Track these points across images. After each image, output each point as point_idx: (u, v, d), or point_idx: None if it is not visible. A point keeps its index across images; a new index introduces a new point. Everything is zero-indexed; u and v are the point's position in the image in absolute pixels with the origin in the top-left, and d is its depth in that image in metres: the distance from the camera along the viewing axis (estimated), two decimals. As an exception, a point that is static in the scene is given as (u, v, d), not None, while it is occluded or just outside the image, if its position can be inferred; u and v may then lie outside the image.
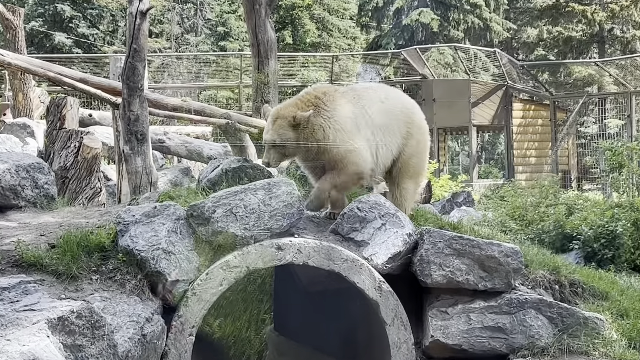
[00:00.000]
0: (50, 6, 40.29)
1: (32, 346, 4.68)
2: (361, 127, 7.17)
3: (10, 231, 7.01)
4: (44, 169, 8.22)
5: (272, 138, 7.10)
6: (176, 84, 30.82)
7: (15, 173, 7.96)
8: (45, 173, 8.20)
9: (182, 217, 6.55)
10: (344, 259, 6.56)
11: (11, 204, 7.96)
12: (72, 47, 39.56)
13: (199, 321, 6.28)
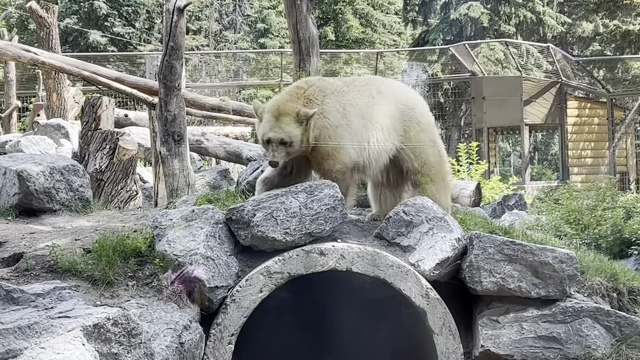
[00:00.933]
0: (85, 3, 40.49)
1: (67, 354, 4.60)
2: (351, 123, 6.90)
3: (45, 235, 6.90)
4: (78, 172, 8.11)
5: (280, 136, 6.65)
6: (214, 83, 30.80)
7: (49, 175, 7.86)
8: (80, 175, 8.10)
9: (221, 221, 6.39)
10: (389, 264, 6.33)
11: (45, 208, 7.86)
12: (107, 46, 39.74)
13: (238, 329, 6.12)
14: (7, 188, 8.14)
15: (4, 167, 8.30)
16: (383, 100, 7.10)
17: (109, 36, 39.25)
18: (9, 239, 7.02)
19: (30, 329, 4.59)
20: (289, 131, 6.64)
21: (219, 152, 15.34)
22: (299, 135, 6.64)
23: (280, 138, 6.61)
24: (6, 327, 4.52)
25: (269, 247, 6.33)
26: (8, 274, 5.96)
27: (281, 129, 6.64)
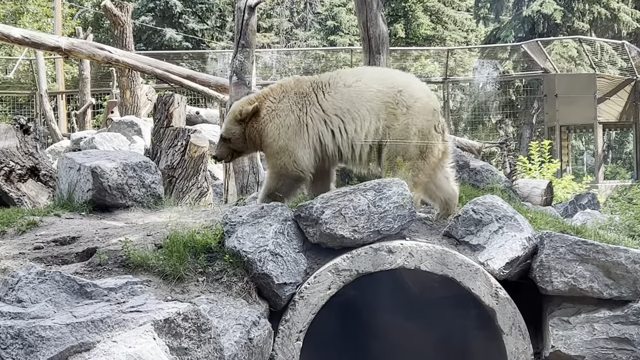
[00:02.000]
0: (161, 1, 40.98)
1: (138, 348, 4.63)
2: (306, 121, 6.88)
3: (117, 231, 7.00)
4: (150, 168, 8.21)
5: (220, 132, 7.14)
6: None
7: (122, 172, 7.97)
8: (152, 172, 8.20)
9: (290, 218, 6.42)
10: (458, 263, 6.28)
11: (118, 203, 7.98)
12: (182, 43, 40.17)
13: (306, 326, 6.14)
14: (81, 184, 8.28)
15: (78, 163, 8.45)
16: (360, 87, 6.96)
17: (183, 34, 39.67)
18: (82, 234, 7.15)
19: (103, 322, 4.65)
20: (228, 128, 7.04)
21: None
22: (237, 133, 6.98)
23: (221, 134, 7.11)
24: (79, 321, 4.59)
25: (337, 244, 6.33)
26: (82, 269, 6.07)
27: (224, 125, 7.13)
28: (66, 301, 4.88)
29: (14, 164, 9.87)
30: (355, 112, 6.89)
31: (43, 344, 4.43)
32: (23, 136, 10.22)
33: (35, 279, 4.92)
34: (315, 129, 6.89)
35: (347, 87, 6.96)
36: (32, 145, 10.25)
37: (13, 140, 10.16)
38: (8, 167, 9.80)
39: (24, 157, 10.03)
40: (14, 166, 9.85)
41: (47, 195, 9.84)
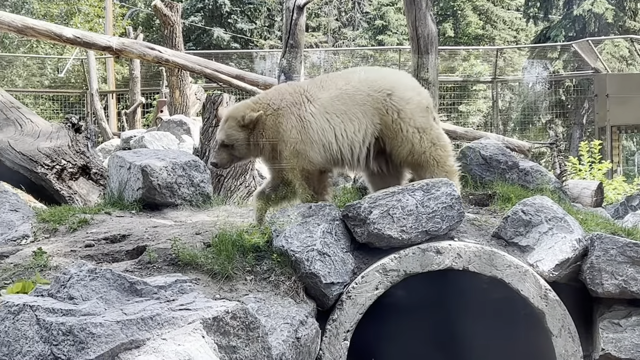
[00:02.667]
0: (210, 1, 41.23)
1: (187, 346, 4.65)
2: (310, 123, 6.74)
3: (167, 229, 7.06)
4: (199, 167, 8.27)
5: (220, 138, 6.81)
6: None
7: (171, 171, 8.04)
8: (201, 171, 8.26)
9: (338, 218, 6.42)
10: (507, 264, 6.24)
11: (167, 202, 8.05)
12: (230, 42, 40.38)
13: (354, 325, 6.14)
14: (131, 182, 8.37)
15: (128, 162, 8.54)
16: (351, 90, 6.84)
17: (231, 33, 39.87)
18: (132, 232, 7.23)
19: (153, 320, 4.68)
20: (231, 134, 6.75)
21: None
22: (241, 139, 6.72)
23: (222, 140, 6.77)
24: (130, 318, 4.62)
25: (385, 244, 6.32)
26: (132, 266, 6.14)
27: (225, 131, 6.77)
28: (117, 298, 4.92)
29: (66, 162, 10.02)
30: (351, 113, 6.77)
31: (94, 340, 4.47)
32: (74, 135, 10.37)
33: (86, 276, 4.97)
34: (319, 124, 6.74)
35: (338, 90, 6.85)
36: (84, 144, 10.39)
37: (65, 139, 10.31)
38: (60, 165, 9.96)
39: (75, 155, 10.17)
40: (66, 165, 10.00)
41: (98, 194, 9.98)
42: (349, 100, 6.79)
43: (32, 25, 13.67)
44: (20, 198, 8.34)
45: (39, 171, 9.89)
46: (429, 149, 6.88)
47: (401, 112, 6.80)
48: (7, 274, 6.21)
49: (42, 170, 9.88)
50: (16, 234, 7.51)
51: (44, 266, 6.24)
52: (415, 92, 6.97)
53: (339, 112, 6.76)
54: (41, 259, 6.35)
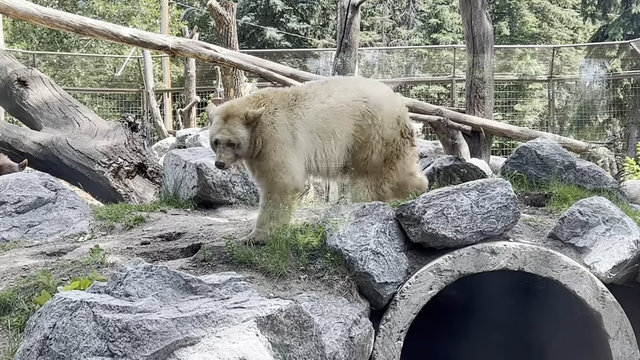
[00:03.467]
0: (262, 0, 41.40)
1: (241, 344, 4.66)
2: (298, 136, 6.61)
3: (221, 227, 7.11)
4: (254, 166, 8.30)
5: (227, 137, 6.46)
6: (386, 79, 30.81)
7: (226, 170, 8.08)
8: (255, 170, 8.28)
9: (391, 217, 6.40)
10: (563, 265, 6.17)
11: (222, 200, 8.10)
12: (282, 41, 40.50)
13: (407, 325, 6.11)
14: (186, 181, 8.44)
15: (184, 160, 8.62)
16: (332, 103, 6.79)
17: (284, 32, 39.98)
18: (187, 230, 7.30)
19: (207, 318, 4.71)
20: (236, 132, 6.47)
21: (390, 148, 15.32)
22: (246, 137, 6.47)
23: (228, 139, 6.46)
24: (185, 316, 4.66)
25: (439, 244, 6.29)
26: (187, 264, 6.20)
27: (229, 130, 6.47)
28: (172, 296, 4.96)
29: (122, 160, 10.15)
30: (330, 131, 6.75)
31: (149, 337, 4.51)
32: (131, 133, 10.50)
33: (142, 273, 5.01)
34: (305, 145, 6.68)
35: (322, 104, 6.78)
36: (140, 142, 10.51)
37: (122, 137, 10.45)
38: (117, 163, 10.09)
39: (131, 154, 10.30)
40: (122, 163, 10.13)
41: (154, 192, 10.09)
42: (330, 114, 6.77)
43: (90, 25, 13.85)
44: (77, 196, 8.47)
45: (96, 169, 10.04)
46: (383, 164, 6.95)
47: (374, 119, 6.88)
48: (65, 270, 6.30)
49: (99, 168, 10.02)
50: (74, 231, 7.63)
51: (100, 263, 6.33)
52: (389, 101, 7.06)
53: (320, 130, 6.73)
54: (98, 256, 6.44)
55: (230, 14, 18.84)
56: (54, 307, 4.69)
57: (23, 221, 7.91)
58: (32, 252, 7.08)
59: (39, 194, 8.16)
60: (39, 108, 11.12)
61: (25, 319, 5.32)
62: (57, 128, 10.79)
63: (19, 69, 11.73)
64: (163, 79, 31.51)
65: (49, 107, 11.11)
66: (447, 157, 7.70)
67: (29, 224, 7.87)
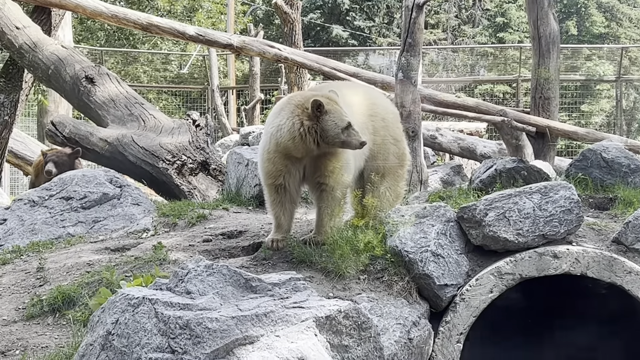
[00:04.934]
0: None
1: (300, 344, 4.69)
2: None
3: (282, 226, 7.12)
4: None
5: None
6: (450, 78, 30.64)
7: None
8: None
9: (452, 219, 6.37)
10: (627, 270, 6.08)
11: None
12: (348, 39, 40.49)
13: (467, 328, 6.08)
14: (248, 179, 8.50)
15: (246, 158, 8.68)
16: (356, 103, 6.76)
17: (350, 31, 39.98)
18: (249, 228, 7.36)
19: (267, 317, 4.74)
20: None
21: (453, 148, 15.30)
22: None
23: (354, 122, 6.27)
24: (244, 314, 4.69)
25: (500, 247, 6.24)
26: (247, 262, 6.25)
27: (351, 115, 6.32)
28: (232, 294, 5.00)
29: (186, 158, 10.26)
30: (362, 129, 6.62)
31: (209, 335, 4.56)
32: (195, 131, 10.60)
33: (203, 271, 5.07)
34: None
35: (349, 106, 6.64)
36: (204, 140, 10.61)
37: (186, 135, 10.56)
38: (181, 161, 10.20)
39: (195, 151, 10.41)
40: (186, 160, 10.24)
41: (216, 189, 10.18)
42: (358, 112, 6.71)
43: (157, 23, 14.03)
44: (141, 192, 8.60)
45: (160, 166, 10.16)
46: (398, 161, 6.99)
47: (385, 120, 6.92)
48: (128, 266, 6.40)
49: (163, 165, 10.15)
50: (137, 227, 7.74)
51: (163, 260, 6.42)
52: (391, 103, 7.31)
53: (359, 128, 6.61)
54: (160, 253, 6.53)
55: (295, 12, 18.93)
56: (117, 303, 4.76)
57: (88, 217, 8.06)
58: (97, 248, 7.21)
59: (104, 190, 8.30)
60: (105, 105, 11.29)
61: (89, 314, 5.42)
62: (123, 125, 10.95)
63: (87, 66, 11.93)
64: (228, 76, 31.75)
65: (115, 104, 11.28)
66: (510, 159, 7.62)
67: (94, 220, 8.02)
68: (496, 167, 7.36)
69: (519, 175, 7.23)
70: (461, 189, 7.58)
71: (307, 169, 6.47)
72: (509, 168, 7.29)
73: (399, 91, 9.25)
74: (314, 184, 6.53)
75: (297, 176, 6.47)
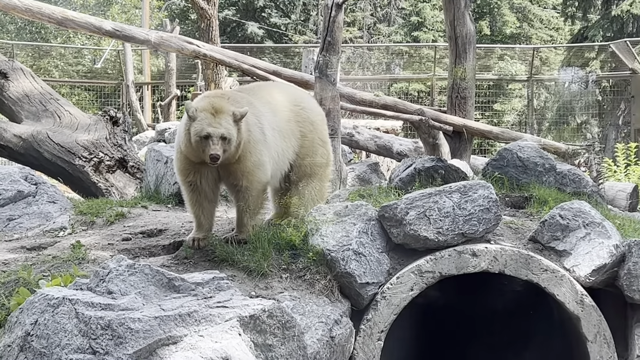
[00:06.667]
0: (243, -5, 41.38)
1: (224, 343, 4.67)
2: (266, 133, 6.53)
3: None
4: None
5: (220, 131, 6.09)
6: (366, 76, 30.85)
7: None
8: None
9: (374, 217, 6.42)
10: (543, 268, 6.21)
11: None
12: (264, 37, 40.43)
13: (388, 326, 6.14)
14: (168, 177, 8.42)
15: (165, 156, 8.60)
16: (278, 105, 6.81)
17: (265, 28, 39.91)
18: (169, 226, 7.29)
19: (190, 316, 4.71)
20: (228, 128, 6.15)
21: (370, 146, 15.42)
22: (235, 135, 6.19)
23: (221, 133, 6.11)
24: (168, 314, 4.65)
25: (421, 245, 6.32)
26: (168, 261, 6.18)
27: (220, 124, 6.14)
28: (155, 294, 4.96)
29: (103, 155, 10.11)
30: (287, 130, 6.78)
31: (132, 335, 4.51)
32: (112, 128, 10.45)
33: (125, 271, 5.01)
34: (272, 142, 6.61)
35: (270, 105, 6.72)
36: (121, 136, 10.47)
37: (103, 131, 10.40)
38: (97, 158, 10.05)
39: (113, 148, 10.26)
40: (103, 157, 10.09)
41: (135, 187, 10.05)
42: (280, 116, 6.77)
43: (72, 18, 13.78)
44: (58, 190, 8.43)
45: (76, 163, 9.99)
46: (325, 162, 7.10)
47: (314, 124, 7.00)
48: (46, 265, 6.27)
49: (79, 162, 9.98)
50: (54, 226, 7.59)
51: (82, 259, 6.30)
52: (318, 107, 7.32)
53: (279, 129, 6.71)
54: (79, 252, 6.42)
55: (212, 8, 18.81)
56: (35, 303, 4.68)
57: (2, 215, 7.86)
58: (12, 247, 7.04)
59: (19, 187, 8.11)
60: (19, 100, 11.04)
61: (6, 314, 5.28)
62: (37, 121, 10.73)
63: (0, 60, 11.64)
64: (143, 72, 31.38)
65: (29, 100, 11.04)
66: (429, 158, 7.72)
67: (8, 218, 7.82)
68: (415, 166, 7.45)
69: (437, 174, 7.33)
70: (381, 187, 7.64)
71: (221, 171, 6.43)
72: (427, 167, 7.38)
73: (318, 89, 9.26)
74: (228, 184, 6.53)
75: (210, 176, 6.44)
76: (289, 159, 6.83)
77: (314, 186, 6.97)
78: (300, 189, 6.89)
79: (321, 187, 7.07)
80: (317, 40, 30.99)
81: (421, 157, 7.92)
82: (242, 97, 6.58)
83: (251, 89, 7.17)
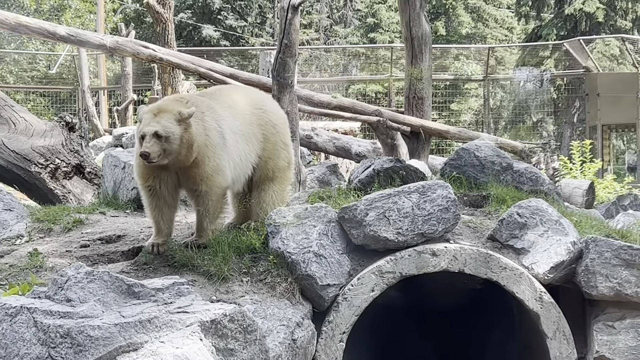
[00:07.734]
0: (199, -3, 41.22)
1: (185, 349, 4.64)
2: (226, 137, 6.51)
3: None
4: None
5: (154, 128, 6.06)
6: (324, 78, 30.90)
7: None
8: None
9: (334, 219, 6.43)
10: (502, 267, 6.26)
11: None
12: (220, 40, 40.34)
13: (349, 327, 6.15)
14: (126, 182, 8.36)
15: (123, 161, 8.53)
16: (240, 109, 6.81)
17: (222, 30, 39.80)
18: (128, 232, 7.23)
19: (151, 323, 4.68)
20: (166, 125, 6.07)
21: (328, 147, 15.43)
22: (177, 134, 6.08)
23: (155, 130, 6.04)
24: (128, 321, 4.62)
25: (381, 246, 6.33)
26: (128, 267, 6.14)
27: (158, 122, 6.10)
28: (114, 301, 4.92)
29: (60, 161, 10.01)
30: (248, 134, 6.77)
31: (92, 343, 4.48)
32: (69, 134, 10.35)
33: (84, 278, 4.96)
34: (232, 146, 6.57)
35: (232, 109, 6.72)
36: (78, 142, 10.37)
37: (59, 137, 10.30)
38: (54, 164, 9.94)
39: (69, 154, 10.16)
40: (60, 163, 9.99)
41: (92, 193, 9.96)
42: (242, 119, 6.76)
43: (26, 23, 13.62)
44: (14, 197, 8.31)
45: (32, 170, 9.87)
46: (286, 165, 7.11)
47: (276, 127, 7.02)
48: (3, 274, 6.20)
49: (35, 169, 9.86)
50: (10, 234, 7.49)
51: (39, 267, 6.24)
52: (280, 110, 7.35)
53: (241, 133, 6.68)
54: (37, 260, 6.35)
55: (167, 12, 18.70)
56: (-7, 313, 4.62)
57: (-43, 223, 7.74)
58: (-33, 256, 6.94)
59: (-27, 195, 8.00)
60: (-27, 107, 10.89)
61: (-37, 325, 5.21)
62: (-9, 128, 10.59)
63: (-48, 67, 11.48)
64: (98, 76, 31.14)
65: (-17, 107, 10.90)
66: (388, 159, 7.74)
67: (-38, 226, 7.71)
68: (374, 167, 7.46)
69: (396, 174, 7.35)
70: (340, 189, 7.65)
71: (180, 175, 6.40)
72: (386, 168, 7.40)
73: (275, 92, 9.25)
74: (188, 189, 6.50)
75: (169, 182, 6.41)
76: (252, 162, 6.80)
77: (275, 189, 6.96)
78: (261, 192, 6.89)
79: (282, 190, 7.05)
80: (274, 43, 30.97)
81: (380, 158, 7.95)
82: (202, 101, 6.54)
83: (212, 92, 7.14)
